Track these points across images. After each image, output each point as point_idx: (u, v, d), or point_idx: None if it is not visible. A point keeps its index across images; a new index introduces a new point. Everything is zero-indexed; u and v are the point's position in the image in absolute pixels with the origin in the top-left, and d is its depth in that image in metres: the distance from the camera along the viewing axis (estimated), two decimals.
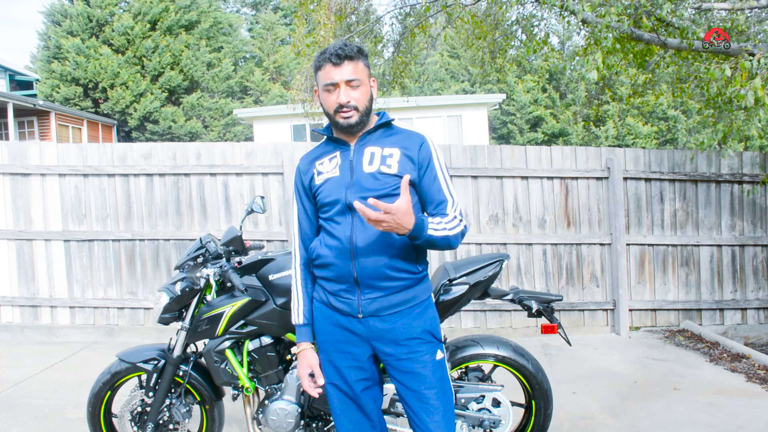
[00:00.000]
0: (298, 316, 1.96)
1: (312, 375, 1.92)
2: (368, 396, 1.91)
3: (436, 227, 1.73)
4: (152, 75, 20.12)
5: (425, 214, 1.88)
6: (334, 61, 1.77)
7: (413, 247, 1.81)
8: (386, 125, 1.89)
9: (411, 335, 1.82)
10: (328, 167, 1.87)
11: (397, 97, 11.89)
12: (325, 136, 1.93)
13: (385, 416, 2.35)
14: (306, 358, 1.93)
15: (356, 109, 1.79)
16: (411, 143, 1.84)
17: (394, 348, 1.83)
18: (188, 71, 20.61)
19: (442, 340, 1.96)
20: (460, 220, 1.81)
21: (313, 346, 1.95)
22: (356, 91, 1.79)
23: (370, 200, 1.58)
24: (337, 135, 1.89)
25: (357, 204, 1.60)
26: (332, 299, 1.85)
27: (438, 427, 1.82)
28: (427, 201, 1.85)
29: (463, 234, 1.81)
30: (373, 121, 1.89)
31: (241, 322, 2.41)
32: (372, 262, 1.77)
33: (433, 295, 2.09)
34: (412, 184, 1.81)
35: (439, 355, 1.88)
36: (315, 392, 1.90)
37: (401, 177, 1.78)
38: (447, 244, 1.76)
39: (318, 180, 1.88)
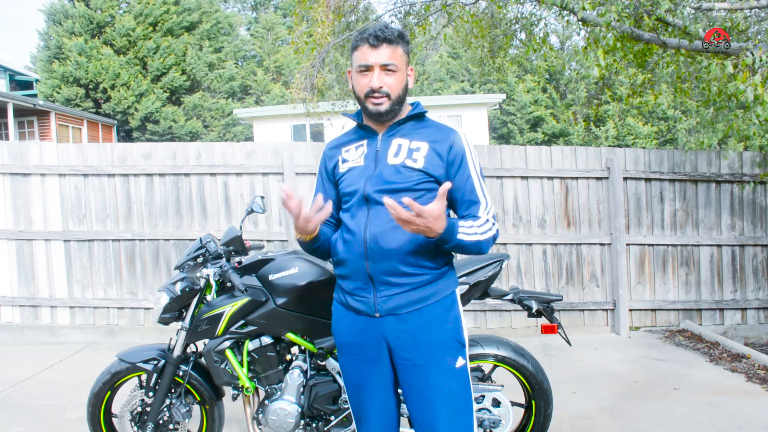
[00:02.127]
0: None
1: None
2: (390, 400, 1.83)
3: (467, 231, 1.64)
4: (154, 75, 20.13)
5: (454, 216, 1.78)
6: (372, 42, 1.67)
7: (432, 242, 1.66)
8: (419, 116, 1.79)
9: (431, 338, 1.71)
10: (354, 155, 1.80)
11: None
12: (356, 123, 1.85)
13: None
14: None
15: (388, 96, 1.70)
16: (441, 138, 1.74)
17: (412, 352, 1.71)
18: (190, 72, 20.62)
19: (465, 344, 1.80)
20: (493, 224, 1.71)
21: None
22: (391, 77, 1.70)
23: (405, 199, 1.49)
24: (367, 122, 1.81)
25: (387, 200, 1.50)
26: (349, 299, 1.78)
27: None
28: (457, 201, 1.75)
29: (494, 239, 1.71)
30: (406, 111, 1.79)
31: (241, 322, 2.41)
32: (386, 257, 1.67)
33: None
34: (437, 181, 1.72)
35: (461, 361, 1.75)
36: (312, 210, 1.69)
37: (425, 172, 1.70)
38: (478, 249, 1.67)
39: (342, 168, 1.81)
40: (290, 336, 2.41)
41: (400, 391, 1.84)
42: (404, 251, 1.68)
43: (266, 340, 2.43)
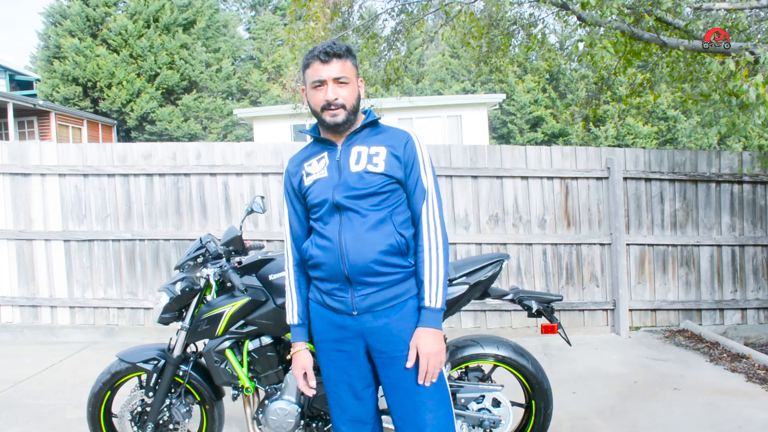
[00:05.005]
0: (292, 316, 2.00)
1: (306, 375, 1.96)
2: (366, 395, 1.91)
3: (437, 290, 1.79)
4: (149, 75, 20.08)
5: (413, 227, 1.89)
6: (322, 58, 1.79)
7: (404, 242, 1.82)
8: (373, 124, 1.91)
9: (406, 331, 1.82)
10: (317, 168, 1.89)
11: (396, 97, 11.89)
12: (313, 137, 1.95)
13: (383, 416, 2.35)
14: (300, 359, 1.97)
15: (343, 107, 1.82)
16: (397, 141, 1.86)
17: (388, 345, 1.83)
18: (186, 71, 20.58)
19: None
20: (440, 244, 1.82)
21: (308, 346, 1.99)
22: (344, 89, 1.81)
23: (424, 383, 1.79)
24: (325, 135, 1.91)
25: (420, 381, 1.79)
26: (327, 298, 1.87)
27: (433, 425, 1.81)
28: (410, 192, 1.86)
29: (446, 243, 1.84)
30: (360, 120, 1.91)
31: (241, 322, 2.41)
32: (361, 259, 1.78)
33: None
34: (399, 182, 1.84)
35: None
36: (310, 392, 1.96)
37: (387, 175, 1.82)
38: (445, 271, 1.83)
39: (307, 181, 1.90)
40: (290, 336, 2.41)
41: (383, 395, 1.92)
42: (378, 252, 1.79)
43: (266, 340, 2.43)
